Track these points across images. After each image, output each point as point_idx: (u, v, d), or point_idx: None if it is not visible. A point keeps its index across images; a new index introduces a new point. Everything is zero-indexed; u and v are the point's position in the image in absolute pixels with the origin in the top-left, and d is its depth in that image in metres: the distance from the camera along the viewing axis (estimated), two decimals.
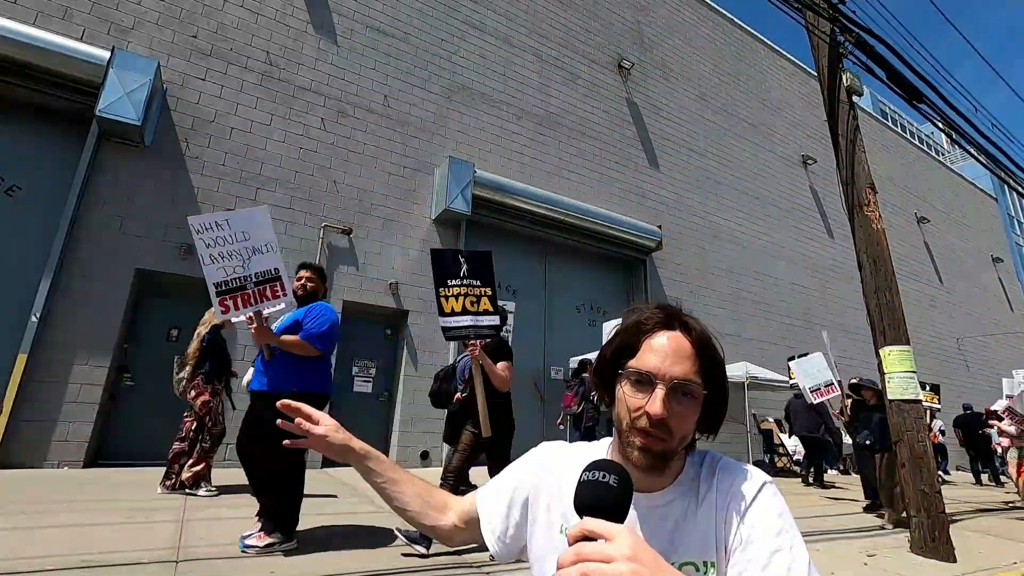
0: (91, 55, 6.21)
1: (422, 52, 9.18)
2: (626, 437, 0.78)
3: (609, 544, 0.52)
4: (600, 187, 10.70)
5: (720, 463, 0.83)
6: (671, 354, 0.78)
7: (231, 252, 3.15)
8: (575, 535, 0.55)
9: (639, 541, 0.54)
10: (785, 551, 0.71)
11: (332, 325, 3.43)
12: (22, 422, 5.45)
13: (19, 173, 6.16)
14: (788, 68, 16.32)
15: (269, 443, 2.96)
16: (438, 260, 3.27)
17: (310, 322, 3.34)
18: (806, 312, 13.67)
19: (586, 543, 0.53)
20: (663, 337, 0.80)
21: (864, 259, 4.98)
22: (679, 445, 0.78)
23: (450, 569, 3.09)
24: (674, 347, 0.79)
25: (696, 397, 0.77)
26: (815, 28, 5.45)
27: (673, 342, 0.79)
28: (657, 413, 0.74)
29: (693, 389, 0.77)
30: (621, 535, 0.53)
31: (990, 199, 24.44)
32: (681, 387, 0.76)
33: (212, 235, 3.12)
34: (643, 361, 0.79)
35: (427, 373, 8.03)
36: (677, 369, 0.77)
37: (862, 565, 3.81)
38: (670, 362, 0.77)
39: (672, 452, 0.78)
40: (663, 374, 0.76)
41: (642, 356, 0.79)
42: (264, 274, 3.21)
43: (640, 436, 0.76)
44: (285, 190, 7.47)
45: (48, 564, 2.62)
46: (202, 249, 3.10)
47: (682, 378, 0.76)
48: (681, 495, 0.81)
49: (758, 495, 0.77)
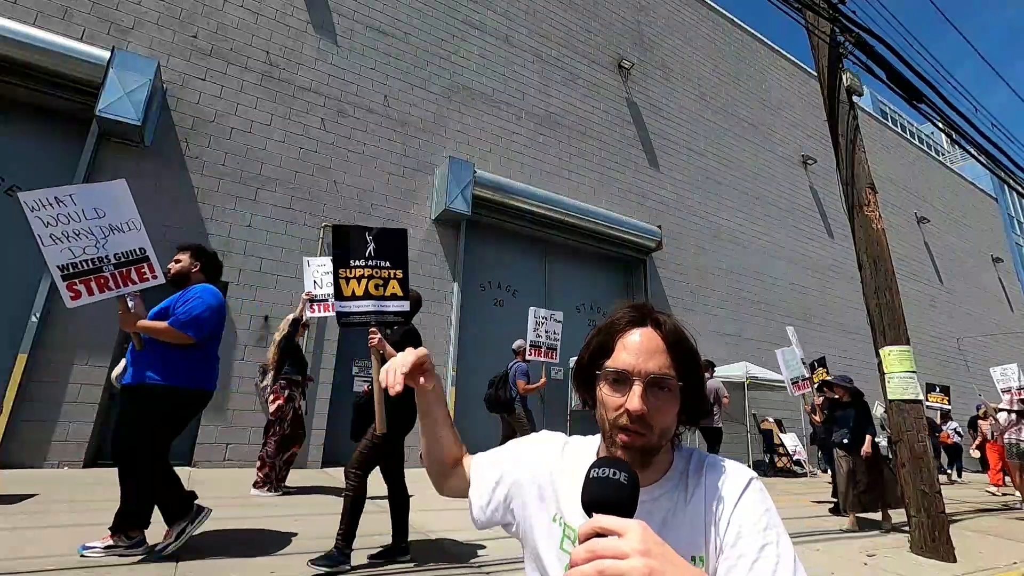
0: (91, 55, 6.21)
1: (422, 52, 9.18)
2: (609, 436, 0.80)
3: (622, 540, 0.52)
4: (600, 187, 10.70)
5: (707, 460, 0.85)
6: (644, 351, 0.80)
7: (80, 231, 2.84)
8: (586, 532, 0.55)
9: (650, 534, 0.54)
10: (772, 546, 0.73)
11: (207, 309, 3.05)
12: (22, 422, 5.45)
13: (19, 173, 6.17)
14: (788, 68, 16.32)
15: (132, 439, 2.82)
16: (340, 238, 2.87)
17: (181, 307, 3.01)
18: (806, 312, 13.67)
19: (599, 539, 0.53)
20: (636, 334, 0.82)
21: (864, 259, 4.98)
22: (661, 439, 0.80)
23: (450, 569, 3.09)
24: (647, 343, 0.81)
25: (672, 390, 0.79)
26: (815, 28, 5.45)
27: (645, 338, 0.82)
28: (636, 409, 0.76)
29: (669, 382, 0.79)
30: (633, 530, 0.53)
31: (990, 199, 24.44)
32: (657, 381, 0.78)
33: (52, 212, 2.83)
34: (618, 360, 0.81)
35: None
36: (651, 364, 0.79)
37: (862, 565, 3.81)
38: (644, 358, 0.79)
39: (655, 447, 0.80)
40: (638, 370, 0.78)
41: (617, 355, 0.82)
42: (127, 254, 2.90)
43: (622, 434, 0.78)
44: (285, 190, 7.47)
45: (48, 564, 2.62)
46: (39, 228, 2.80)
47: (657, 373, 0.78)
48: (669, 491, 0.82)
49: (745, 491, 0.78)
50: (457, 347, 8.23)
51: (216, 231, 6.89)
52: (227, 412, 6.48)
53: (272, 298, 7.05)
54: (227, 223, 6.99)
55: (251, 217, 7.15)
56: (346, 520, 3.04)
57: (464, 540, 3.66)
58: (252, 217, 7.15)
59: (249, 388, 6.68)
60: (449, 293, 8.48)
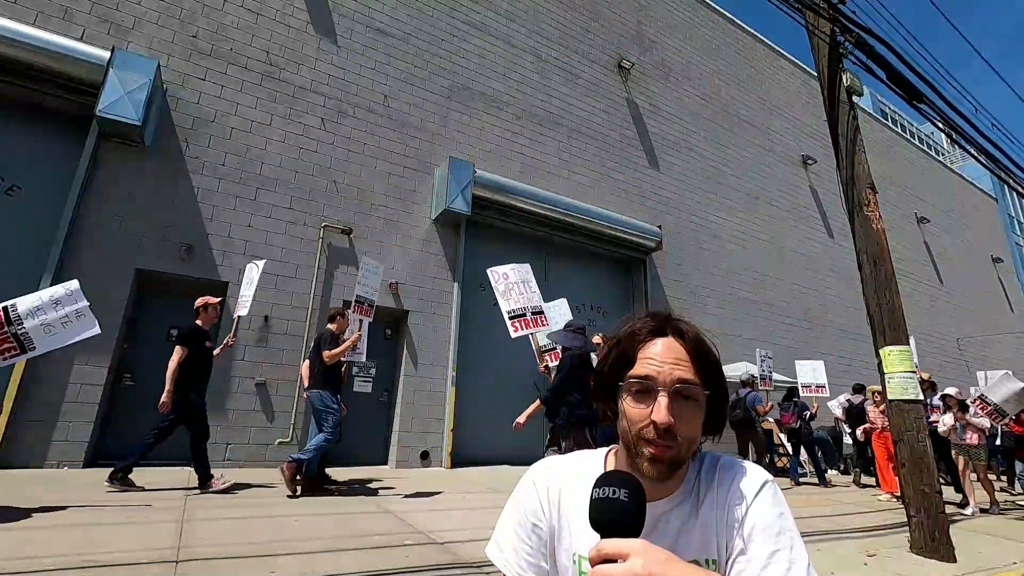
0: (91, 55, 6.21)
1: (422, 52, 9.18)
2: (634, 449, 0.77)
3: (623, 565, 0.54)
4: (600, 187, 10.70)
5: (721, 462, 0.83)
6: (669, 359, 0.78)
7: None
8: (594, 559, 0.57)
9: (654, 552, 0.55)
10: (785, 551, 0.71)
11: None
12: (22, 422, 5.45)
13: (19, 173, 6.16)
14: (788, 68, 16.32)
15: None
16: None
17: None
18: (806, 312, 13.68)
19: (602, 566, 0.55)
20: (658, 344, 0.80)
21: (864, 259, 4.98)
22: (688, 450, 0.77)
23: (450, 569, 3.09)
24: (670, 352, 0.79)
25: (698, 399, 0.77)
26: (815, 28, 5.44)
27: (669, 347, 0.79)
28: (663, 421, 0.74)
29: (694, 392, 0.77)
30: (633, 553, 0.55)
31: (990, 199, 24.45)
32: (683, 391, 0.76)
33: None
34: (642, 370, 0.78)
35: (427, 373, 8.04)
36: (676, 373, 0.77)
37: (862, 565, 3.81)
38: (668, 367, 0.77)
39: (682, 458, 0.77)
40: (663, 380, 0.76)
41: (640, 365, 0.79)
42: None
43: (649, 447, 0.76)
44: (285, 190, 7.47)
45: (48, 564, 2.62)
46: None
47: (682, 382, 0.76)
48: (684, 497, 0.81)
49: (759, 494, 0.77)
50: (457, 347, 8.23)
51: (216, 231, 6.89)
52: (227, 412, 6.48)
53: (272, 298, 7.05)
54: (227, 223, 6.99)
55: (251, 217, 7.15)
56: None
57: (465, 540, 3.66)
58: (252, 217, 7.15)
59: (249, 388, 6.69)
60: (449, 293, 8.48)
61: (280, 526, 3.71)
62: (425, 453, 7.69)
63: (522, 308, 5.35)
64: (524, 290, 5.47)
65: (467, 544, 3.58)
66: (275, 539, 3.41)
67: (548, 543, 0.85)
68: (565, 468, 0.89)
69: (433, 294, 8.33)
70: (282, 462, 4.86)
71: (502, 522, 0.91)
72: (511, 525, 0.89)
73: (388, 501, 4.78)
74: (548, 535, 0.85)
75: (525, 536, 0.86)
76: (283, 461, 4.91)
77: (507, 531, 0.89)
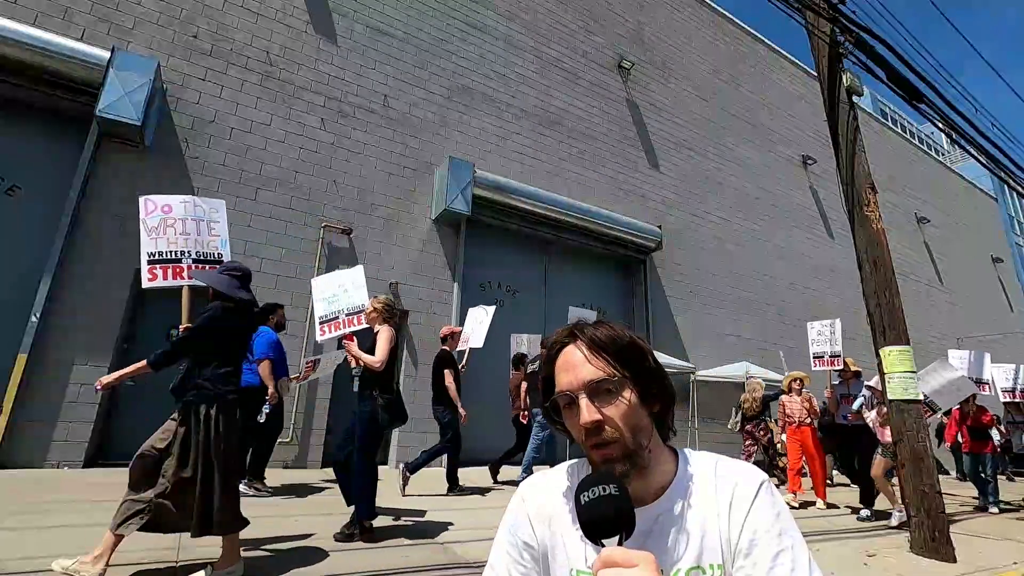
0: (91, 55, 6.20)
1: (422, 52, 9.18)
2: (589, 457, 0.81)
3: (633, 571, 0.55)
4: (600, 187, 10.70)
5: (718, 463, 0.83)
6: (574, 364, 0.81)
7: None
8: (597, 568, 0.57)
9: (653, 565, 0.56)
10: (787, 551, 0.72)
11: None
12: (22, 422, 5.45)
13: (19, 173, 6.16)
14: (788, 68, 16.31)
15: None
16: None
17: None
18: (806, 312, 13.66)
19: (608, 571, 0.56)
20: (563, 355, 0.84)
21: (864, 259, 4.98)
22: (636, 438, 0.77)
23: (450, 569, 3.09)
24: (574, 358, 0.82)
25: (617, 389, 0.78)
26: (815, 28, 5.44)
27: (571, 354, 0.82)
28: (587, 420, 0.76)
29: (608, 384, 0.78)
30: (643, 562, 0.56)
31: (990, 199, 24.43)
32: (594, 387, 0.78)
33: None
34: (559, 383, 0.82)
35: (427, 373, 8.02)
36: (583, 373, 0.79)
37: (862, 565, 3.81)
38: (575, 372, 0.80)
39: (634, 449, 0.77)
40: (575, 385, 0.79)
41: (558, 380, 0.83)
42: None
43: (595, 450, 0.78)
44: (285, 190, 7.47)
45: (48, 564, 2.61)
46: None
47: (591, 379, 0.78)
48: (680, 500, 0.80)
49: (757, 496, 0.77)
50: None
51: None
52: None
53: (272, 298, 7.03)
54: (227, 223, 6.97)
55: (251, 217, 7.14)
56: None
57: (465, 540, 3.66)
58: (252, 217, 7.15)
59: None
60: (449, 293, 8.48)
61: (279, 526, 3.71)
62: None
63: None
64: (195, 230, 3.63)
65: (467, 544, 3.57)
66: (274, 539, 3.41)
67: (542, 562, 0.85)
68: (551, 484, 0.89)
69: (433, 294, 8.33)
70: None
71: (494, 548, 0.90)
72: (504, 548, 0.88)
73: (388, 501, 4.79)
74: (541, 554, 0.85)
75: (517, 555, 0.86)
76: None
77: (500, 554, 0.89)
